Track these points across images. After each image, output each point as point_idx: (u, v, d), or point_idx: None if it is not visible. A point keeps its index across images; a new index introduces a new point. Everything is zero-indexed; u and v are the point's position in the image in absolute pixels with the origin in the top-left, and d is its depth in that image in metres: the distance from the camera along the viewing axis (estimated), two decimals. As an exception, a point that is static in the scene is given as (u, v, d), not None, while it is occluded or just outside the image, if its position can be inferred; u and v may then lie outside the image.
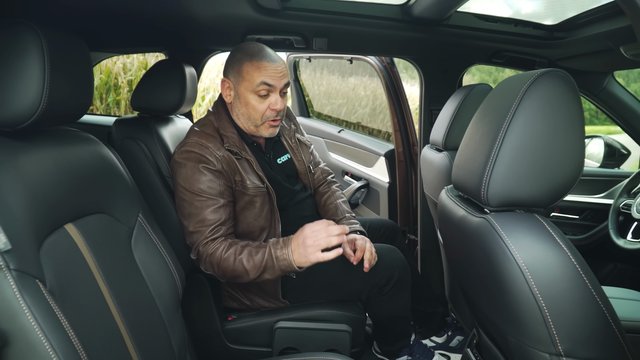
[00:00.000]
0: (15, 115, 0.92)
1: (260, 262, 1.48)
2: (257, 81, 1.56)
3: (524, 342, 0.84)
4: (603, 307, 0.80)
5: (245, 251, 1.50)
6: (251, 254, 1.49)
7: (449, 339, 2.19)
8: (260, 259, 1.48)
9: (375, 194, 2.84)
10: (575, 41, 1.88)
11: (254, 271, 1.49)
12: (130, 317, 1.09)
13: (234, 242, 1.54)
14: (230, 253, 1.50)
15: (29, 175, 0.91)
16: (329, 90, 5.37)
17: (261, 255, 1.48)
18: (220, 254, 1.51)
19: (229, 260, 1.50)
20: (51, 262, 0.90)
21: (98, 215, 1.12)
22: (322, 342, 1.65)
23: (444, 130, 1.83)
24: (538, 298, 0.79)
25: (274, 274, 1.50)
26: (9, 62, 0.91)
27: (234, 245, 1.52)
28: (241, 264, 1.49)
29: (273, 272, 1.50)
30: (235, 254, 1.50)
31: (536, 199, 0.90)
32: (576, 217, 2.44)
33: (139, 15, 1.80)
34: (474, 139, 1.02)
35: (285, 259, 1.46)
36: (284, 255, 1.47)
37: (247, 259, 1.49)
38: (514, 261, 0.82)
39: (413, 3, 1.82)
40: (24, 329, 0.78)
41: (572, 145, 0.89)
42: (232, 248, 1.51)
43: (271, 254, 1.48)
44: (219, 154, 1.57)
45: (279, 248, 1.48)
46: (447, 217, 1.13)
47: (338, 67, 5.45)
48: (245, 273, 1.50)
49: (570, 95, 0.90)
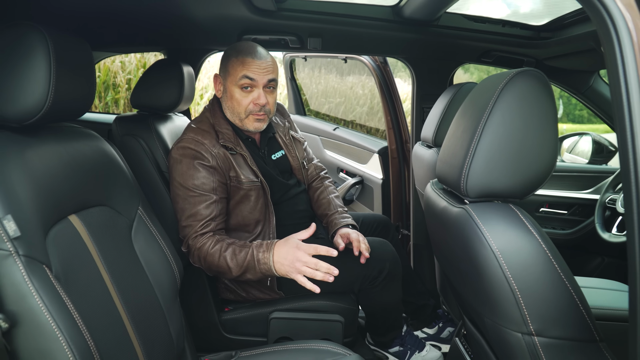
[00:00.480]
0: (23, 111, 0.97)
1: (243, 262, 1.53)
2: (240, 75, 1.63)
3: (499, 322, 0.90)
4: (571, 290, 0.86)
5: (230, 249, 1.55)
6: (235, 252, 1.54)
7: (439, 330, 2.25)
8: (242, 259, 1.53)
9: (369, 190, 2.90)
10: (561, 41, 1.94)
11: (237, 269, 1.54)
12: (130, 305, 1.14)
13: (221, 238, 1.59)
14: (216, 249, 1.55)
15: (35, 168, 0.97)
16: (327, 89, 5.42)
17: (244, 255, 1.53)
18: (207, 248, 1.56)
19: (215, 256, 1.55)
20: (56, 250, 0.96)
21: (100, 208, 1.18)
22: (316, 331, 1.71)
23: (434, 127, 1.89)
24: (510, 281, 0.86)
25: (255, 275, 1.54)
26: (16, 62, 0.96)
27: (220, 241, 1.57)
28: (225, 261, 1.54)
29: (254, 273, 1.54)
30: (220, 251, 1.55)
31: (512, 190, 0.96)
32: (565, 212, 2.51)
33: (138, 16, 1.86)
34: (456, 134, 1.08)
35: (266, 263, 1.50)
36: (265, 259, 1.50)
37: (231, 257, 1.54)
38: (488, 247, 0.88)
39: (404, 4, 1.88)
40: (32, 311, 0.84)
41: (545, 140, 0.95)
42: (218, 244, 1.56)
43: (253, 256, 1.52)
44: (214, 151, 1.63)
45: (261, 251, 1.52)
46: (431, 208, 1.19)
47: (336, 66, 5.50)
48: (228, 270, 1.55)
49: (544, 93, 0.96)
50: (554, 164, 0.97)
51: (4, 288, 0.83)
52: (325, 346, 1.45)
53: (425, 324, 2.25)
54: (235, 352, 1.50)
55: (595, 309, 1.36)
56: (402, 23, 2.01)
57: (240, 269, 1.53)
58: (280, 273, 1.50)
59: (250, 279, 1.58)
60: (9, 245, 0.84)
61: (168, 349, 1.28)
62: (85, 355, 0.87)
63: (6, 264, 0.84)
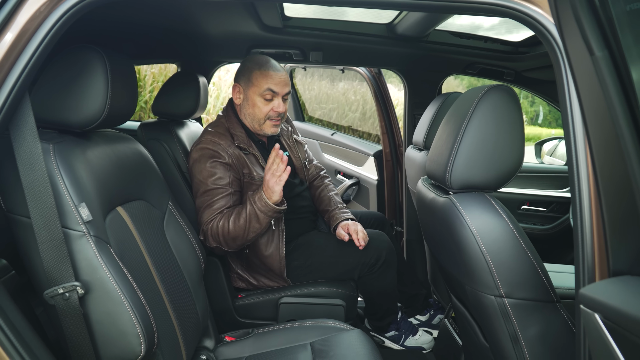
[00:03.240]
0: (85, 119, 1.17)
1: (246, 214, 1.75)
2: (264, 87, 1.85)
3: (477, 288, 1.12)
4: (533, 260, 1.08)
5: (233, 213, 1.77)
6: (239, 212, 1.77)
7: (431, 317, 2.47)
8: (245, 213, 1.75)
9: (365, 191, 3.12)
10: (536, 55, 2.18)
11: (245, 224, 1.75)
12: (167, 284, 1.35)
13: (223, 214, 1.80)
14: (224, 220, 1.77)
15: (94, 166, 1.17)
16: (320, 95, 5.62)
17: (245, 210, 1.76)
18: (216, 225, 1.77)
19: (224, 226, 1.76)
20: (112, 234, 1.16)
21: (139, 202, 1.38)
22: (320, 314, 1.91)
23: (424, 132, 2.11)
24: (485, 254, 1.07)
25: (259, 220, 1.75)
26: (79, 78, 1.16)
27: (224, 215, 1.79)
28: (234, 224, 1.75)
29: (258, 219, 1.75)
30: (227, 219, 1.77)
31: (487, 182, 1.18)
32: (544, 209, 2.74)
33: (159, 32, 2.06)
34: (442, 138, 1.30)
35: (261, 198, 1.73)
36: (260, 197, 1.74)
37: (236, 217, 1.76)
38: (468, 228, 1.10)
39: (397, 22, 2.11)
40: (102, 280, 1.04)
41: (513, 142, 1.18)
42: (223, 217, 1.78)
43: (251, 202, 1.75)
44: (230, 151, 1.84)
45: (255, 194, 1.76)
46: (422, 200, 1.41)
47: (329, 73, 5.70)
48: (239, 229, 1.75)
49: (512, 105, 1.18)
50: (521, 162, 1.19)
51: (79, 262, 1.03)
52: (330, 323, 1.67)
53: (418, 312, 2.46)
54: (252, 329, 1.71)
55: (564, 289, 1.59)
56: (396, 39, 2.24)
57: (246, 222, 1.75)
58: (274, 199, 1.73)
59: (257, 229, 1.77)
60: (83, 227, 1.04)
61: (196, 324, 1.49)
62: (144, 317, 1.08)
63: (81, 242, 1.04)
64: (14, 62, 0.92)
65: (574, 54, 0.71)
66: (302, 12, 2.15)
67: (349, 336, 1.54)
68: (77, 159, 1.12)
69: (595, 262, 0.84)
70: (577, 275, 0.90)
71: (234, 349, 1.62)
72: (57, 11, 0.95)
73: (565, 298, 1.21)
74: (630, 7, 0.74)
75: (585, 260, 0.86)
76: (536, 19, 0.95)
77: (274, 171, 1.71)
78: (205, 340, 1.63)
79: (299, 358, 1.47)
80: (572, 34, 0.68)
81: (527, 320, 1.08)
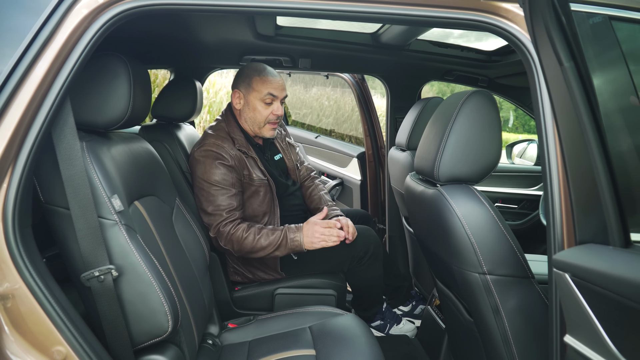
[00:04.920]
0: (109, 120, 1.28)
1: (276, 241, 1.89)
2: (265, 92, 1.98)
3: (463, 267, 1.28)
4: (511, 242, 1.24)
5: (263, 232, 1.90)
6: (268, 234, 1.90)
7: (413, 308, 2.63)
8: (275, 239, 1.89)
9: (348, 191, 3.28)
10: (508, 64, 2.38)
11: (270, 248, 1.89)
12: (179, 273, 1.46)
13: (251, 224, 1.93)
14: (250, 233, 1.89)
15: (117, 162, 1.28)
16: (294, 101, 5.75)
17: (277, 236, 1.90)
18: (241, 233, 1.89)
19: (249, 239, 1.88)
20: (135, 225, 1.27)
21: (151, 197, 1.49)
22: (314, 303, 2.03)
23: (407, 134, 2.28)
24: (470, 236, 1.23)
25: (283, 252, 1.91)
26: (105, 82, 1.27)
27: (252, 227, 1.91)
28: (260, 242, 1.88)
29: (283, 250, 1.91)
30: (254, 235, 1.89)
31: (470, 176, 1.35)
32: (515, 206, 2.95)
33: (154, 39, 2.16)
34: (429, 137, 1.46)
35: (297, 240, 1.89)
36: (296, 237, 1.89)
37: (265, 238, 1.89)
38: (455, 214, 1.26)
39: (382, 32, 2.27)
40: (133, 264, 1.16)
41: (492, 141, 1.35)
42: (251, 229, 1.90)
43: (286, 236, 1.90)
44: (232, 153, 1.96)
45: (292, 232, 1.91)
46: (411, 193, 1.56)
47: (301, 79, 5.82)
48: (261, 249, 1.89)
49: (492, 107, 1.35)
50: (499, 158, 1.36)
51: (112, 248, 1.14)
52: (326, 309, 1.80)
53: (401, 303, 2.62)
54: (253, 316, 1.83)
55: (536, 274, 1.77)
56: (379, 47, 2.40)
57: (272, 248, 1.89)
58: (307, 247, 1.90)
59: (276, 255, 1.93)
60: (115, 217, 1.16)
61: (203, 311, 1.60)
62: (170, 297, 1.19)
63: (114, 230, 1.15)
64: (60, 67, 1.04)
65: (546, 64, 0.87)
66: (293, 21, 2.29)
67: (344, 319, 1.68)
68: (105, 155, 1.23)
69: (564, 235, 1.00)
70: (549, 246, 1.07)
71: (237, 335, 1.74)
72: (98, 22, 1.06)
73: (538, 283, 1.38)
74: (592, 21, 0.92)
75: (555, 235, 1.02)
76: (513, 34, 1.11)
77: (328, 237, 1.90)
78: (211, 327, 1.75)
79: (300, 340, 1.60)
80: (545, 48, 0.85)
81: (507, 294, 1.25)
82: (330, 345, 1.51)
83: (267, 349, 1.57)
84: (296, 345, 1.56)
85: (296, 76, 5.13)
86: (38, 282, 1.01)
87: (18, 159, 1.00)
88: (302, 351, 1.52)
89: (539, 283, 1.33)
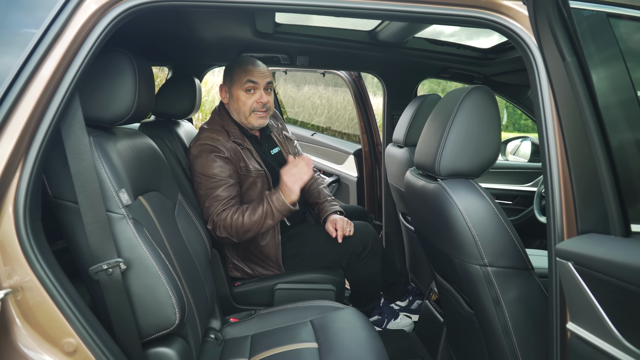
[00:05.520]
0: (115, 116, 1.29)
1: (263, 211, 1.87)
2: (244, 79, 2.00)
3: (464, 260, 1.30)
4: (511, 234, 1.27)
5: (248, 209, 1.90)
6: (254, 207, 1.89)
7: (410, 303, 2.66)
8: (262, 209, 1.88)
9: (345, 188, 3.30)
10: (503, 61, 2.42)
11: (259, 220, 1.88)
12: (182, 267, 1.47)
13: (238, 207, 1.93)
14: (238, 214, 1.89)
15: (123, 156, 1.29)
16: (286, 100, 5.76)
17: (262, 205, 1.88)
18: (230, 217, 1.89)
19: (239, 219, 1.89)
20: (141, 219, 1.29)
21: (154, 192, 1.50)
22: (313, 298, 2.06)
23: (404, 130, 2.30)
24: (471, 229, 1.26)
25: (274, 217, 1.89)
26: (110, 78, 1.28)
27: (238, 209, 1.92)
28: (249, 218, 1.88)
29: (273, 217, 1.89)
30: (242, 213, 1.89)
31: (470, 170, 1.37)
32: (510, 202, 2.99)
33: (154, 36, 2.16)
34: (430, 132, 1.48)
35: (279, 199, 1.86)
36: (277, 197, 1.87)
37: (251, 212, 1.88)
38: (456, 208, 1.28)
39: (379, 30, 2.30)
40: (141, 257, 1.17)
41: (491, 136, 1.37)
42: (238, 210, 1.91)
43: (268, 201, 1.88)
44: (228, 145, 1.97)
45: (272, 194, 1.89)
46: (412, 188, 1.59)
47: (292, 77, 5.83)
48: (253, 224, 1.88)
49: (491, 103, 1.38)
50: (498, 153, 1.39)
51: (120, 241, 1.15)
52: (326, 303, 1.82)
53: (398, 298, 2.65)
54: (254, 311, 1.85)
55: (536, 268, 1.81)
56: (377, 45, 2.42)
57: (261, 218, 1.88)
58: (290, 197, 1.85)
59: (270, 225, 1.91)
60: (123, 210, 1.17)
61: (206, 306, 1.62)
62: (177, 290, 1.21)
63: (122, 224, 1.16)
64: (69, 62, 1.05)
65: (550, 60, 0.90)
66: (292, 19, 2.30)
67: (345, 313, 1.70)
68: (112, 150, 1.24)
69: (564, 226, 1.03)
70: (550, 237, 1.09)
71: (239, 329, 1.75)
72: (107, 18, 1.07)
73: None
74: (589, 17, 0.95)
75: (555, 225, 1.05)
76: (514, 31, 1.14)
77: (296, 173, 1.85)
78: (213, 321, 1.76)
79: (302, 333, 1.62)
80: (548, 44, 0.88)
81: (507, 285, 1.27)
82: (332, 338, 1.53)
83: (269, 342, 1.58)
84: (298, 338, 1.57)
85: (288, 74, 5.13)
86: (49, 274, 1.02)
87: (29, 153, 1.01)
88: (304, 344, 1.53)
89: (540, 277, 1.35)
